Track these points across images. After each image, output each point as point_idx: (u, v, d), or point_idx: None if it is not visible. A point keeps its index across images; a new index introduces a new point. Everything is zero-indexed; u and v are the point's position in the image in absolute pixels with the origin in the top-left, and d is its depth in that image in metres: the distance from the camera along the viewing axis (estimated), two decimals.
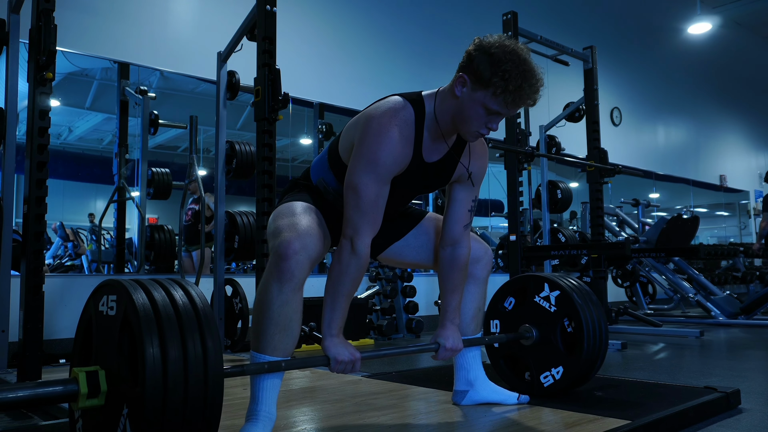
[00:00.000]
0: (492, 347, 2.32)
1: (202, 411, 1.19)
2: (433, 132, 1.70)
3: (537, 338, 2.16)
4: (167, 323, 1.20)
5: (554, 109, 6.10)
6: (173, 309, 1.23)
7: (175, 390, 1.16)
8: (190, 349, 1.19)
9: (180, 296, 1.27)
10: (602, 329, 2.12)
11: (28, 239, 2.64)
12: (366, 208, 1.61)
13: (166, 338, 1.18)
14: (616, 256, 5.73)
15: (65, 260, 5.75)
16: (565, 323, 2.13)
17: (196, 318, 1.24)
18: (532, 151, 4.53)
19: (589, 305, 2.13)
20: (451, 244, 1.87)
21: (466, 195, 1.85)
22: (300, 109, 5.56)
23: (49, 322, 3.54)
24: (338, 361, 1.63)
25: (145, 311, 1.20)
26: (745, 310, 5.80)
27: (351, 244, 1.62)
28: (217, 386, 1.21)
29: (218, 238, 3.75)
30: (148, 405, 1.14)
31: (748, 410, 2.18)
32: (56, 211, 5.45)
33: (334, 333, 1.66)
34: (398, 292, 4.94)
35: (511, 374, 2.26)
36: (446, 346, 1.86)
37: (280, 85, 3.22)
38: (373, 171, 1.60)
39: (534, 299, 2.22)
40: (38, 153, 2.66)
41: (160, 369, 1.16)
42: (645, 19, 9.47)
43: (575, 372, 2.07)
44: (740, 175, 11.29)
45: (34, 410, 2.35)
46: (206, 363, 1.20)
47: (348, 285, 1.64)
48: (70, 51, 4.23)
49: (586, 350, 2.06)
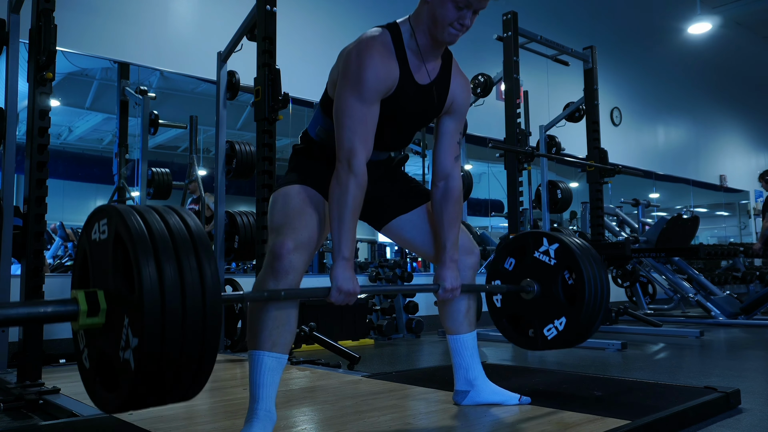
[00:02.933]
0: (494, 308, 2.30)
1: (202, 333, 1.17)
2: (415, 52, 1.75)
3: (538, 292, 2.15)
4: (162, 243, 1.17)
5: (554, 109, 6.10)
6: (167, 230, 1.21)
7: (173, 311, 1.14)
8: (186, 270, 1.17)
9: (175, 221, 1.24)
10: (602, 279, 2.11)
11: (28, 239, 2.64)
12: (355, 127, 1.64)
13: (161, 258, 1.15)
14: (616, 256, 5.73)
15: (65, 260, 5.75)
16: (566, 275, 2.12)
17: (191, 240, 1.21)
18: (532, 151, 4.53)
19: (589, 257, 2.13)
20: (444, 178, 1.89)
21: (454, 126, 1.90)
22: (300, 109, 5.56)
23: None
24: (340, 291, 1.61)
25: (139, 231, 1.17)
26: (745, 310, 5.80)
27: (347, 165, 1.63)
28: (215, 308, 1.19)
29: (218, 238, 3.75)
30: (147, 319, 1.11)
31: (748, 410, 2.18)
32: (56, 211, 5.45)
33: (346, 256, 1.63)
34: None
35: (514, 333, 2.25)
36: (445, 286, 1.87)
37: (280, 85, 3.22)
38: (358, 91, 1.64)
39: (534, 255, 2.20)
40: (38, 153, 2.66)
41: (157, 288, 1.13)
42: (645, 19, 9.47)
43: (578, 322, 2.06)
44: (740, 175, 11.29)
45: (34, 410, 2.36)
46: (203, 285, 1.18)
47: (351, 204, 1.63)
48: (70, 51, 4.24)
49: (587, 299, 2.04)
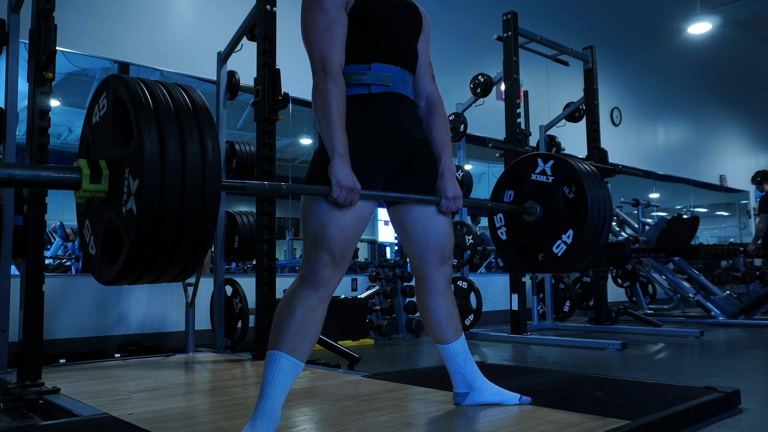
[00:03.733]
0: (500, 241, 2.29)
1: (201, 185, 1.17)
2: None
3: (541, 212, 2.15)
4: (165, 113, 1.16)
5: (554, 109, 6.10)
6: (171, 102, 1.19)
7: (173, 177, 1.13)
8: (187, 139, 1.16)
9: (179, 95, 1.23)
10: (602, 187, 2.10)
11: (28, 239, 2.64)
12: (320, 35, 1.71)
13: (162, 125, 1.14)
14: (616, 256, 5.74)
15: (65, 260, 5.75)
16: (565, 190, 2.12)
17: (195, 115, 1.20)
18: (532, 151, 4.52)
19: (584, 168, 2.12)
20: (425, 98, 1.96)
21: (425, 47, 1.99)
22: (300, 109, 5.56)
23: (49, 322, 3.54)
24: (341, 186, 1.61)
25: (141, 98, 1.16)
26: (745, 310, 5.80)
27: (323, 72, 1.69)
28: (215, 178, 1.19)
29: (218, 238, 3.75)
30: (146, 155, 1.10)
31: (748, 410, 2.18)
32: (56, 211, 5.45)
33: (341, 152, 1.64)
34: (398, 292, 4.94)
35: (523, 260, 2.24)
36: (448, 195, 1.89)
37: (280, 85, 3.22)
38: (317, 2, 1.72)
39: (531, 179, 2.19)
40: (38, 153, 2.66)
41: (157, 149, 1.12)
42: (645, 19, 9.47)
43: (585, 232, 2.04)
44: (740, 175, 11.28)
45: (34, 410, 2.36)
46: (204, 155, 1.18)
47: (335, 105, 1.66)
48: (70, 51, 4.23)
49: (590, 207, 2.03)
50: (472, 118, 5.74)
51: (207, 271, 4.58)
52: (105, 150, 1.24)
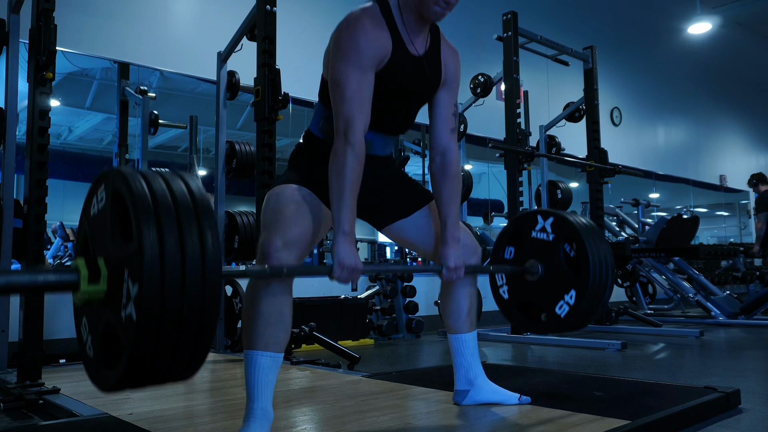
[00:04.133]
0: (502, 300, 2.27)
1: (201, 287, 1.15)
2: (403, 23, 1.75)
3: (543, 272, 2.13)
4: (164, 209, 1.15)
5: (554, 109, 6.10)
6: (170, 196, 1.17)
7: (174, 280, 1.12)
8: (186, 236, 1.15)
9: (178, 187, 1.21)
10: (603, 243, 2.09)
11: (28, 239, 2.64)
12: (351, 96, 1.62)
13: (162, 219, 1.13)
14: (616, 256, 5.73)
15: (65, 260, 5.75)
16: (566, 248, 2.10)
17: (194, 209, 1.18)
18: (532, 151, 4.53)
19: (584, 224, 2.11)
20: (440, 152, 1.89)
21: (448, 97, 1.89)
22: (300, 109, 5.56)
23: (49, 322, 3.54)
24: (343, 267, 1.59)
25: (140, 195, 1.15)
26: (745, 310, 5.80)
27: (344, 137, 1.62)
28: (215, 276, 1.17)
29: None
30: (146, 259, 1.10)
31: (748, 410, 2.18)
32: (56, 211, 5.45)
33: (347, 230, 1.61)
34: (398, 292, 4.94)
35: (526, 320, 2.21)
36: (449, 265, 1.85)
37: (280, 85, 3.22)
38: (350, 59, 1.62)
39: (532, 236, 2.18)
40: (38, 153, 2.66)
41: (156, 238, 1.11)
42: (645, 19, 9.47)
43: (588, 293, 2.02)
44: (740, 175, 11.27)
45: (34, 410, 2.36)
46: (204, 253, 1.16)
47: (350, 177, 1.61)
48: (70, 51, 4.24)
49: (592, 265, 2.01)
50: (472, 118, 5.74)
51: None
52: (103, 245, 1.23)
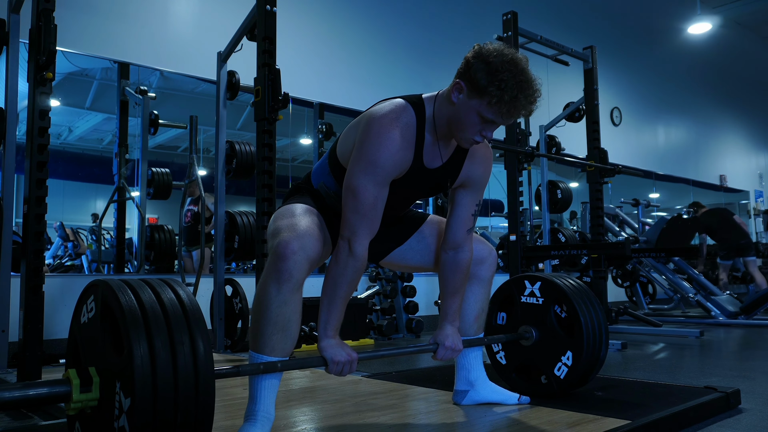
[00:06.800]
0: (500, 366, 2.30)
1: (194, 403, 1.17)
2: (433, 136, 1.69)
3: (537, 336, 2.15)
4: (154, 321, 1.16)
5: (554, 109, 6.10)
6: (159, 306, 1.20)
7: (166, 393, 1.13)
8: (178, 347, 1.17)
9: (167, 296, 1.23)
10: (591, 301, 2.12)
11: (28, 239, 2.64)
12: (364, 210, 1.60)
13: (153, 334, 1.15)
14: (616, 256, 5.72)
15: (65, 260, 5.75)
16: (557, 309, 2.13)
17: (184, 317, 1.20)
18: (532, 151, 4.53)
19: (569, 283, 2.14)
20: (454, 248, 1.86)
21: (470, 199, 1.84)
22: (300, 109, 5.56)
23: (49, 322, 3.53)
24: (335, 362, 1.62)
25: (129, 308, 1.17)
26: (745, 310, 5.80)
27: (348, 246, 1.61)
28: (208, 387, 1.18)
29: (218, 238, 3.74)
30: (137, 374, 1.11)
31: (748, 410, 2.18)
32: (56, 211, 5.45)
33: (330, 334, 1.64)
34: (398, 292, 4.94)
35: (527, 384, 2.22)
36: (445, 344, 1.85)
37: (280, 85, 3.22)
38: (372, 173, 1.58)
39: (521, 301, 2.22)
40: (38, 153, 2.66)
41: (147, 350, 1.13)
42: (645, 19, 9.47)
43: (584, 353, 2.05)
44: (740, 175, 11.28)
45: (35, 410, 2.35)
46: (196, 363, 1.17)
47: (345, 287, 1.63)
48: (70, 51, 4.23)
49: (584, 327, 2.05)
50: None
51: (207, 271, 4.58)
52: (94, 354, 1.24)
